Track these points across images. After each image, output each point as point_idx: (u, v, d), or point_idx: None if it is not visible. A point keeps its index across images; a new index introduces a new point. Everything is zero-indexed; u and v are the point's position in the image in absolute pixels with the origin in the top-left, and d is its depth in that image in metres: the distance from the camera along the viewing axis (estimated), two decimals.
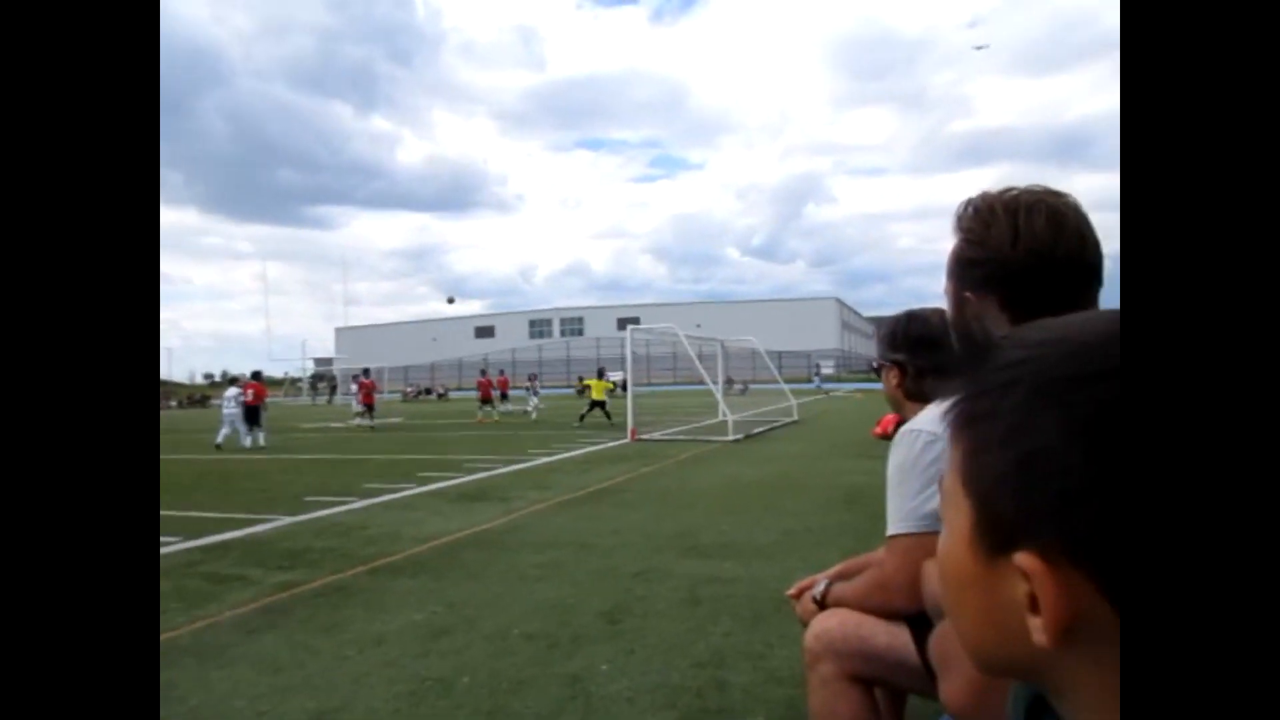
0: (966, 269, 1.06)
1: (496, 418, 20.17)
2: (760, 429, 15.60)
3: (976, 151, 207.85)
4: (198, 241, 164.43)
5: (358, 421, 20.04)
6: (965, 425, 0.45)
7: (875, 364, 1.91)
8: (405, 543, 5.69)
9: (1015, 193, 1.04)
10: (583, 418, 18.53)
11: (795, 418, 17.84)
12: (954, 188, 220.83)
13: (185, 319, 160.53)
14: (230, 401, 15.18)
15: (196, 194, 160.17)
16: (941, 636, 1.31)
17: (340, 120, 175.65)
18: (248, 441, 14.68)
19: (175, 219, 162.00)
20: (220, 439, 14.57)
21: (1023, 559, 0.41)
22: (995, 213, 1.01)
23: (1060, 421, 0.40)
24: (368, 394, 19.84)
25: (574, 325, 72.41)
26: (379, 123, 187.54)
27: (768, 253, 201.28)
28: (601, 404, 18.86)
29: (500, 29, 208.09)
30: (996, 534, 0.43)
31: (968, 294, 1.06)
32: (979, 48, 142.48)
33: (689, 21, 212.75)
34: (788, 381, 23.81)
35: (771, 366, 24.11)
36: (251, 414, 14.82)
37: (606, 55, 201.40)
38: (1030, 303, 1.00)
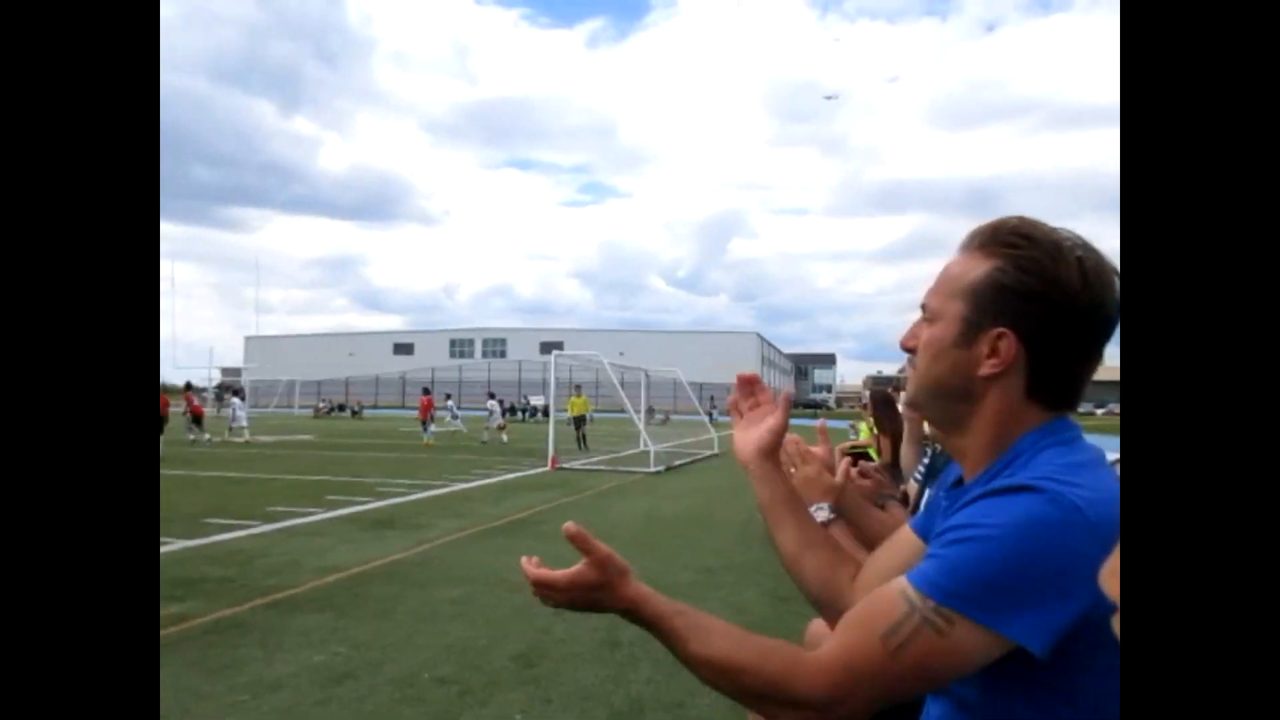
0: (1020, 303, 0.90)
1: (430, 440, 19.56)
2: (681, 461, 15.64)
3: (892, 198, 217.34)
4: None
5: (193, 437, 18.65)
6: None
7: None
8: (309, 573, 5.39)
9: (1065, 231, 0.94)
10: (581, 441, 18.33)
11: (716, 450, 17.99)
12: (870, 231, 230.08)
13: None
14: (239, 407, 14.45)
15: None
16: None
17: (262, 119, 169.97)
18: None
19: None
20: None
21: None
22: (1060, 249, 0.91)
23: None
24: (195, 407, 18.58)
25: (497, 346, 71.50)
26: (302, 124, 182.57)
27: (692, 284, 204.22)
28: (581, 421, 18.69)
29: (434, 40, 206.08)
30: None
31: (1005, 330, 0.91)
32: (829, 97, 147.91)
33: (625, 49, 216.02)
34: (707, 414, 23.99)
35: (694, 397, 24.31)
36: (197, 420, 14.19)
37: (541, 77, 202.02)
38: (1068, 356, 0.92)
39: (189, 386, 20.75)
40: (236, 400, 22.14)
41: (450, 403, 22.94)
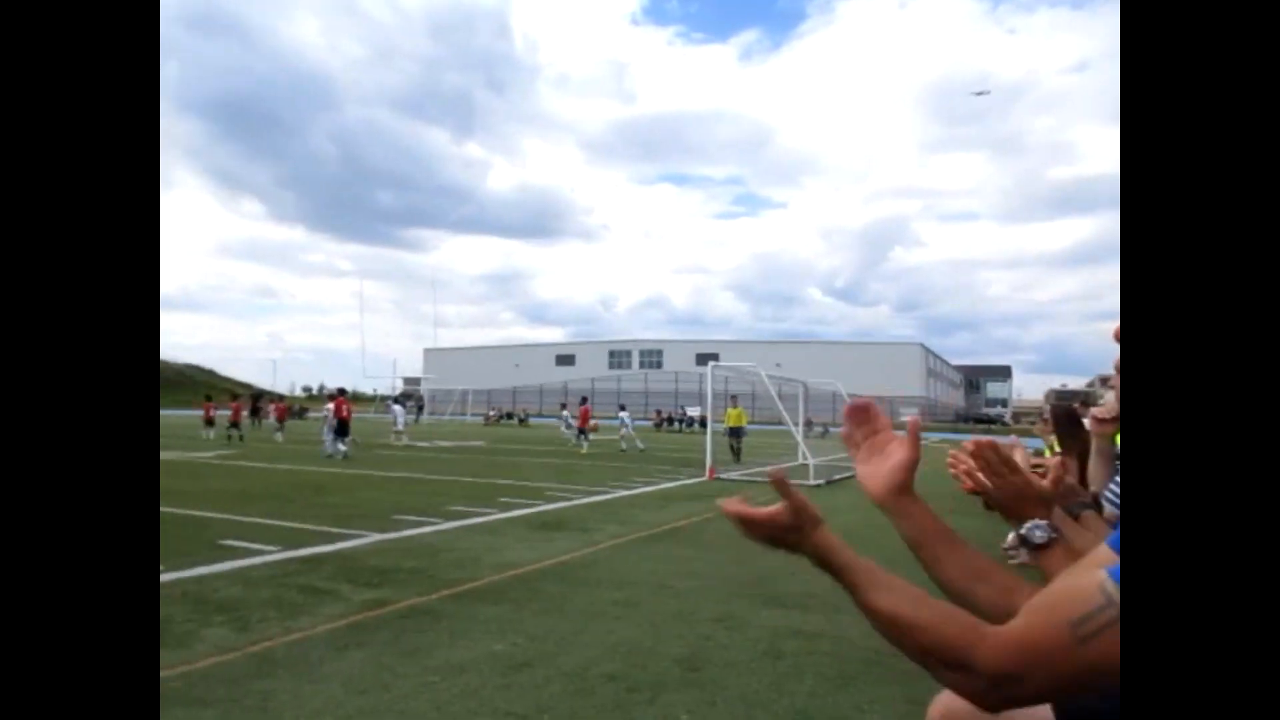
0: None
1: (585, 449, 20.32)
2: (841, 475, 15.24)
3: (1076, 198, 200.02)
4: (303, 258, 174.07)
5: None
6: None
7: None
8: (487, 569, 5.79)
9: None
10: (736, 453, 18.46)
11: None
12: (1050, 235, 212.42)
13: (288, 332, 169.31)
14: (327, 414, 16.42)
15: (305, 212, 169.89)
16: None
17: (437, 145, 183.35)
18: (332, 450, 15.82)
19: (285, 235, 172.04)
20: (329, 450, 15.85)
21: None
22: None
23: None
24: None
25: (653, 358, 72.75)
26: (473, 148, 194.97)
27: (850, 295, 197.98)
28: (737, 432, 18.77)
29: (593, 61, 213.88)
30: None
31: None
32: (980, 94, 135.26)
33: (777, 62, 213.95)
34: None
35: None
36: (343, 427, 15.86)
37: (694, 92, 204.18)
38: None
39: (234, 396, 22.34)
40: (397, 407, 24.20)
41: (624, 414, 23.52)
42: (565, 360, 76.80)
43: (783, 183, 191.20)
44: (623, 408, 23.77)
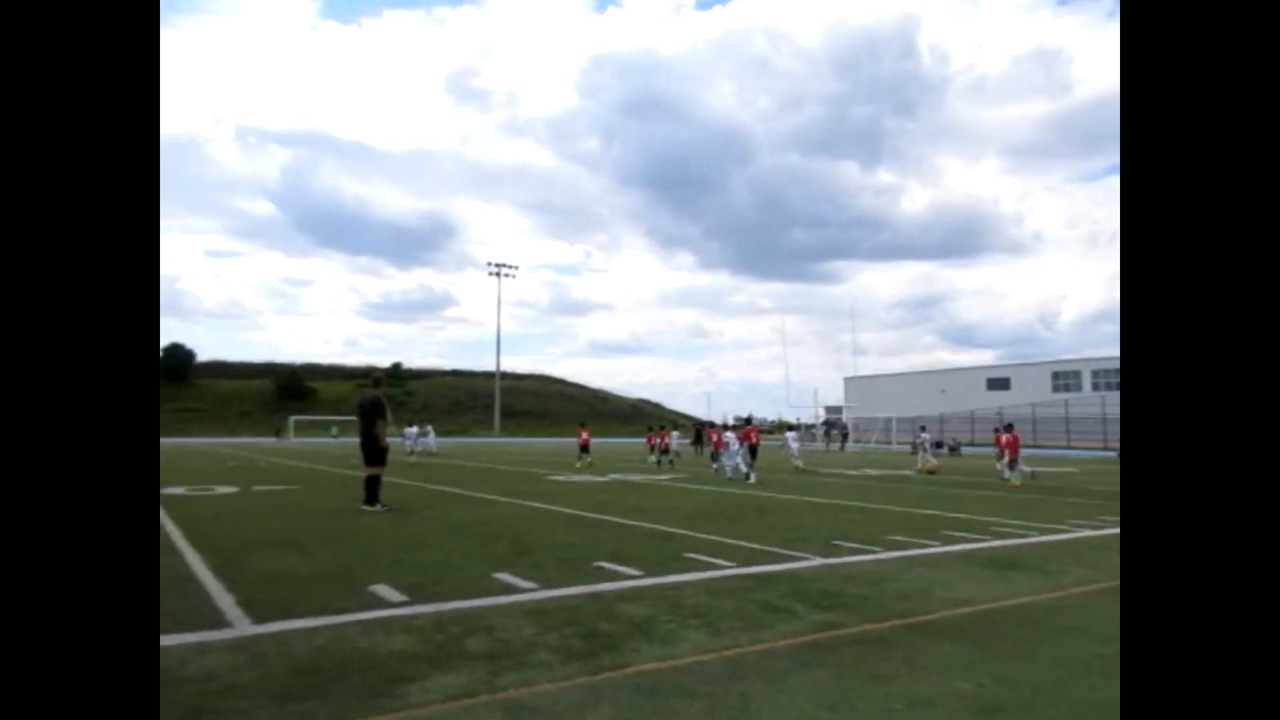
0: None
1: (1018, 480, 18.44)
2: None
3: None
4: (729, 300, 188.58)
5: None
6: None
7: None
8: (938, 603, 5.53)
9: None
10: None
11: None
12: None
13: (719, 368, 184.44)
14: (732, 444, 19.26)
15: (728, 259, 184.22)
16: None
17: (847, 179, 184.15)
18: (734, 473, 18.50)
19: (712, 281, 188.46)
20: (729, 473, 18.86)
21: None
22: None
23: None
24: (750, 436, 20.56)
25: (1109, 378, 62.62)
26: (883, 176, 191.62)
27: None
28: None
29: (1016, 58, 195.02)
30: None
31: None
32: None
33: None
34: None
35: None
36: (752, 452, 18.92)
37: None
38: None
39: (660, 428, 24.23)
40: (790, 434, 25.83)
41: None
42: (998, 384, 70.30)
43: None
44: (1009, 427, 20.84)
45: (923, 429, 24.18)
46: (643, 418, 73.59)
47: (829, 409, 64.27)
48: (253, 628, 4.70)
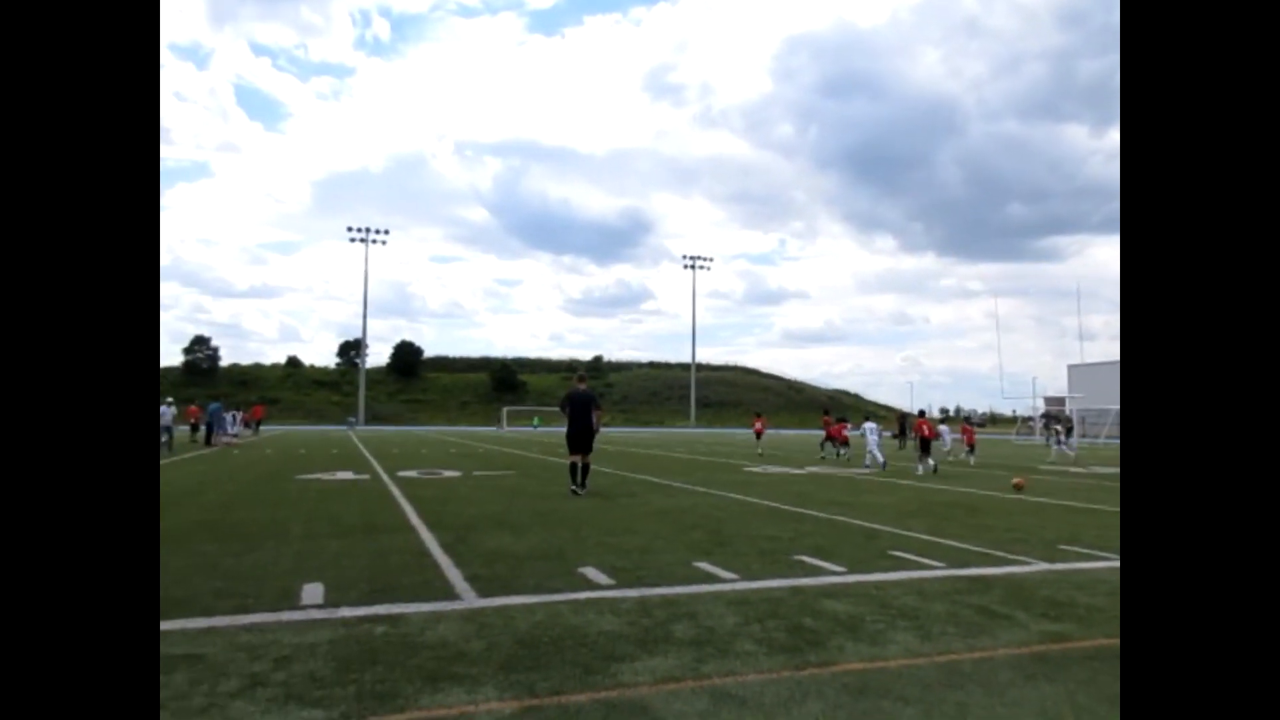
0: None
1: None
2: None
3: None
4: (935, 284, 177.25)
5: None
6: None
7: None
8: None
9: None
10: None
11: None
12: None
13: (924, 356, 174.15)
14: (870, 431, 19.52)
15: (934, 239, 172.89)
16: None
17: (1073, 144, 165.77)
18: (919, 469, 17.80)
19: (916, 264, 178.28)
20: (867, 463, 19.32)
21: None
22: None
23: None
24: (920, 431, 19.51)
25: None
26: (1117, 137, 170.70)
27: None
28: None
29: None
30: None
31: None
32: None
33: None
34: None
35: None
36: (925, 445, 18.17)
37: None
38: None
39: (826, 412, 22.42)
40: (943, 428, 23.95)
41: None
42: None
43: None
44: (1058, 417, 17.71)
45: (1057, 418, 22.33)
46: (841, 409, 71.51)
47: (1049, 400, 58.70)
48: (478, 600, 5.14)
